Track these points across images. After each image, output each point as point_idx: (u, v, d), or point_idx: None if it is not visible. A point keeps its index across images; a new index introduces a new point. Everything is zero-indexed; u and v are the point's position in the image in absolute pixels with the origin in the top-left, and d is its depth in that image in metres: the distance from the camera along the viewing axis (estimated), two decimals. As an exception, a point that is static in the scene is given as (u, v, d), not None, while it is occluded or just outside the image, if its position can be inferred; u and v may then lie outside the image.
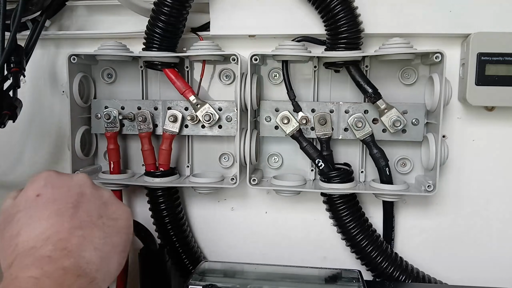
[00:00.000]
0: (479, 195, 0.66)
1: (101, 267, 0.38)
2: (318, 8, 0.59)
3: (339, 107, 0.63)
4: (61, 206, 0.39)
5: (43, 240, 0.36)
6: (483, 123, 0.65)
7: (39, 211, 0.39)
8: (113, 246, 0.40)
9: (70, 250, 0.36)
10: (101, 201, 0.43)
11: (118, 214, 0.43)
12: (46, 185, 0.41)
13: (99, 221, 0.40)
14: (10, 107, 0.59)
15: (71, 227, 0.38)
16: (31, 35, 0.65)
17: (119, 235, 0.41)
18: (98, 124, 0.67)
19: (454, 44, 0.63)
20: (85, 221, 0.39)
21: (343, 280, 0.60)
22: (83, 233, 0.38)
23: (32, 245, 0.36)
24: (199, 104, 0.63)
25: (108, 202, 0.43)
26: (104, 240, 0.39)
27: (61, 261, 0.35)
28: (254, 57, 0.60)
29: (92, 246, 0.38)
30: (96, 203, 0.42)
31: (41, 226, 0.37)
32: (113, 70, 0.69)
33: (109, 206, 0.43)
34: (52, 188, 0.41)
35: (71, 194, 0.41)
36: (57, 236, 0.37)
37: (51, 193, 0.41)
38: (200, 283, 0.55)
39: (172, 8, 0.58)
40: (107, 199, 0.43)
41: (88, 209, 0.40)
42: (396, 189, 0.61)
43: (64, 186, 0.42)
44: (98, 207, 0.42)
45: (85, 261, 0.36)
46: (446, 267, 0.68)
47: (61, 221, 0.38)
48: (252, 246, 0.72)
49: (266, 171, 0.69)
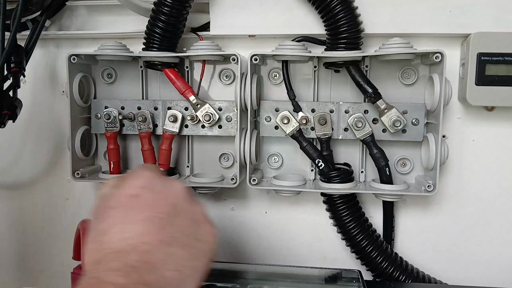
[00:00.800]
0: (479, 195, 0.66)
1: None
2: (318, 8, 0.59)
3: (339, 107, 0.63)
4: (155, 215, 0.37)
5: (129, 246, 0.34)
6: (483, 123, 0.65)
7: (132, 214, 0.37)
8: (193, 270, 0.37)
9: (154, 266, 0.34)
10: (194, 218, 0.40)
11: (205, 236, 0.40)
12: (145, 187, 0.39)
13: (186, 239, 0.37)
14: (10, 107, 0.59)
15: (159, 241, 0.36)
16: (31, 35, 0.65)
17: (202, 259, 0.38)
18: (98, 124, 0.67)
19: (454, 44, 0.63)
20: (175, 237, 0.37)
21: (343, 280, 0.60)
22: (170, 251, 0.36)
23: (119, 248, 0.34)
24: (199, 104, 0.63)
25: (199, 221, 0.40)
26: (187, 263, 0.37)
27: (145, 275, 0.33)
28: (254, 57, 0.60)
29: (175, 266, 0.35)
30: (187, 218, 0.39)
31: (130, 231, 0.36)
32: (113, 70, 0.69)
33: (200, 225, 0.40)
34: (150, 192, 0.39)
35: (167, 203, 0.39)
36: (144, 247, 0.35)
37: (148, 197, 0.38)
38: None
39: (172, 8, 0.58)
40: (199, 217, 0.40)
41: (180, 225, 0.38)
42: (396, 189, 0.61)
43: (162, 193, 0.39)
44: (190, 224, 0.39)
45: (166, 281, 0.34)
46: (446, 267, 0.68)
47: (151, 231, 0.36)
48: (252, 246, 0.72)
49: (266, 171, 0.69)
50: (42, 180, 0.75)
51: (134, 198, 0.38)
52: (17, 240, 0.77)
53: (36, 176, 0.75)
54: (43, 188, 0.75)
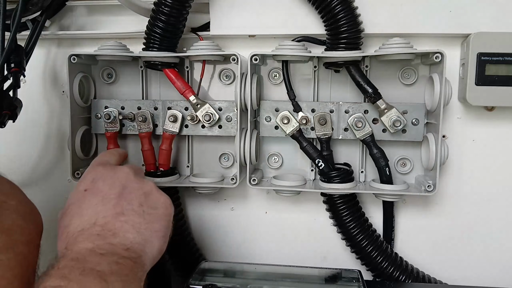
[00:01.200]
0: (479, 195, 0.66)
1: (144, 248, 0.42)
2: (318, 8, 0.59)
3: (339, 107, 0.63)
4: (106, 197, 0.44)
5: (90, 224, 0.41)
6: (483, 123, 0.65)
7: (87, 202, 0.44)
8: (154, 231, 0.43)
9: (115, 232, 0.41)
10: (142, 192, 0.46)
11: (158, 203, 0.46)
12: (93, 180, 0.46)
13: (140, 209, 0.44)
14: (10, 107, 0.58)
15: (114, 213, 0.42)
16: (31, 35, 0.65)
17: (159, 222, 0.45)
18: (98, 124, 0.67)
19: (454, 44, 0.63)
20: (127, 209, 0.43)
21: (343, 280, 0.60)
22: (126, 219, 0.42)
23: (81, 228, 0.41)
24: (199, 104, 0.63)
25: (148, 193, 0.46)
26: (145, 226, 0.43)
27: (109, 238, 0.40)
28: (254, 57, 0.60)
29: (134, 230, 0.42)
30: (137, 193, 0.46)
31: (88, 214, 0.42)
32: (113, 70, 0.69)
33: (150, 196, 0.46)
34: (98, 182, 0.46)
35: (114, 186, 0.45)
36: (103, 220, 0.41)
37: (97, 187, 0.45)
38: (200, 283, 0.55)
39: (172, 8, 0.58)
40: (148, 190, 0.47)
41: (129, 199, 0.44)
42: (396, 189, 0.61)
43: (108, 179, 0.46)
44: (139, 197, 0.45)
45: (130, 241, 0.41)
46: (446, 267, 0.68)
47: (105, 209, 0.43)
48: (252, 246, 0.72)
49: (266, 171, 0.69)
50: (42, 180, 0.75)
51: (85, 192, 0.45)
52: (17, 240, 0.77)
53: (36, 176, 0.75)
54: (43, 188, 0.75)
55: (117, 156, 0.54)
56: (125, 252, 0.40)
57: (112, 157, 0.53)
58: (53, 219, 0.78)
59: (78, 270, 0.36)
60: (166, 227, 0.46)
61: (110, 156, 0.53)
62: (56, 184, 0.75)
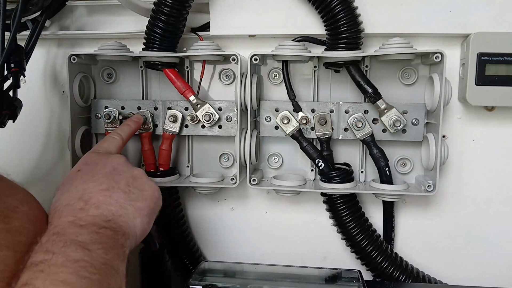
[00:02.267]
0: (479, 195, 0.66)
1: (127, 222, 0.43)
2: (318, 8, 0.59)
3: (339, 107, 0.63)
4: (95, 176, 0.46)
5: (76, 199, 0.43)
6: (483, 123, 0.65)
7: (77, 180, 0.46)
8: (137, 208, 0.45)
9: (98, 205, 0.42)
10: (131, 175, 0.49)
11: (145, 186, 0.48)
12: (86, 163, 0.49)
13: (126, 188, 0.46)
14: (10, 107, 0.58)
15: (99, 189, 0.44)
16: (31, 35, 0.65)
17: (144, 201, 0.47)
18: (98, 124, 0.67)
19: (454, 44, 0.63)
20: (113, 186, 0.45)
21: (343, 280, 0.60)
22: (110, 194, 0.44)
23: (67, 203, 0.43)
24: (199, 104, 0.63)
25: (137, 177, 0.49)
26: (129, 202, 0.45)
27: (91, 210, 0.42)
28: (254, 57, 0.60)
29: (118, 204, 0.44)
30: (125, 175, 0.48)
31: (76, 190, 0.45)
32: (113, 70, 0.69)
33: (138, 180, 0.49)
34: (90, 165, 0.49)
35: (105, 168, 0.48)
36: (88, 196, 0.43)
37: (89, 168, 0.48)
38: (200, 283, 0.55)
39: (172, 8, 0.58)
40: (136, 174, 0.49)
41: (117, 179, 0.47)
42: (396, 189, 0.61)
43: (100, 163, 0.49)
44: (127, 178, 0.48)
45: (112, 213, 0.42)
46: (446, 267, 0.68)
47: (92, 186, 0.45)
48: (252, 246, 0.72)
49: (266, 171, 0.69)
50: (42, 180, 0.75)
51: (78, 172, 0.48)
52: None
53: (36, 176, 0.75)
54: (43, 188, 0.74)
55: (116, 142, 0.56)
56: (106, 223, 0.41)
57: (111, 145, 0.55)
58: (53, 219, 0.78)
59: (60, 242, 0.37)
60: (151, 208, 0.47)
61: (109, 144, 0.55)
62: (56, 184, 0.73)
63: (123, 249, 0.40)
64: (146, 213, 0.46)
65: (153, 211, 0.47)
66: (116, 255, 0.39)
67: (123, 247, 0.41)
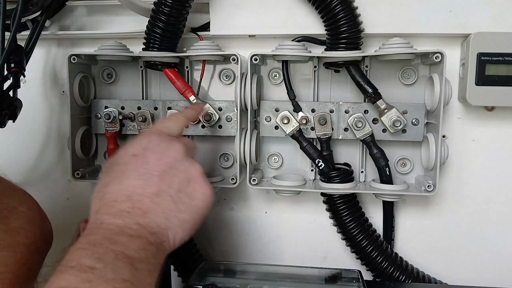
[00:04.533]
0: (479, 195, 0.66)
1: (168, 235, 0.41)
2: (318, 8, 0.59)
3: (339, 107, 0.63)
4: (149, 172, 0.43)
5: (124, 197, 0.41)
6: (483, 123, 0.65)
7: (130, 170, 0.43)
8: (181, 221, 0.42)
9: (145, 211, 0.40)
10: (186, 176, 0.45)
11: (196, 193, 0.44)
12: (147, 148, 0.45)
13: (176, 195, 0.43)
14: (10, 107, 0.59)
15: (150, 193, 0.42)
16: (31, 35, 0.65)
17: (191, 213, 0.43)
18: (98, 124, 0.67)
19: (454, 44, 0.63)
20: (165, 191, 0.42)
21: (343, 280, 0.60)
22: (159, 201, 0.42)
23: (115, 198, 0.41)
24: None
25: (192, 179, 0.45)
26: (175, 214, 0.42)
27: (138, 217, 0.40)
28: (254, 57, 0.60)
29: (164, 215, 0.41)
30: (180, 177, 0.44)
31: (126, 183, 0.42)
32: (113, 70, 0.69)
33: (192, 183, 0.45)
34: (149, 152, 0.45)
35: (162, 162, 0.44)
36: (137, 197, 0.41)
37: (147, 157, 0.44)
38: (200, 283, 0.55)
39: (172, 8, 0.58)
40: (192, 175, 0.45)
41: (170, 182, 0.43)
42: (396, 189, 0.61)
43: (158, 153, 0.45)
44: (180, 181, 0.44)
45: (156, 225, 0.40)
46: (446, 267, 0.68)
47: (144, 185, 0.42)
48: (252, 246, 0.72)
49: (266, 171, 0.69)
50: (42, 180, 0.75)
51: (134, 157, 0.44)
52: (17, 240, 0.77)
53: (36, 176, 0.75)
54: (43, 188, 0.75)
55: (181, 123, 0.52)
56: (151, 236, 0.39)
57: (174, 126, 0.51)
58: (53, 218, 0.78)
59: (112, 253, 0.35)
60: (196, 220, 0.44)
61: (174, 124, 0.51)
62: (56, 184, 0.75)
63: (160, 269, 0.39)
64: (189, 226, 0.43)
65: (197, 222, 0.44)
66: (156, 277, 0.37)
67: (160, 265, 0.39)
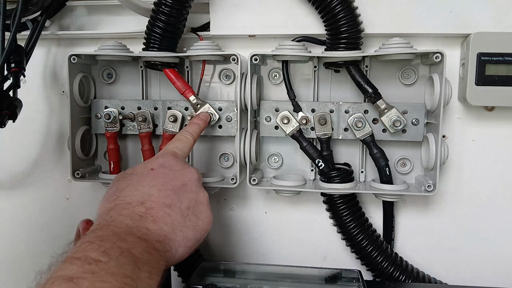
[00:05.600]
0: (479, 195, 0.66)
1: (171, 247, 0.43)
2: (318, 8, 0.59)
3: (339, 107, 0.63)
4: (164, 185, 0.46)
5: (138, 202, 0.43)
6: (483, 123, 0.65)
7: (147, 180, 0.46)
8: (185, 237, 0.45)
9: (155, 219, 0.43)
10: (195, 198, 0.48)
11: (201, 215, 0.48)
12: (163, 165, 0.49)
13: (185, 211, 0.46)
14: (10, 107, 0.59)
15: (163, 203, 0.44)
16: (31, 35, 0.65)
17: (194, 232, 0.46)
18: (98, 124, 0.67)
19: (454, 44, 0.63)
20: (175, 205, 0.45)
21: (343, 280, 0.60)
22: (170, 212, 0.44)
23: (129, 201, 0.43)
24: (199, 104, 0.63)
25: (199, 202, 0.48)
26: (181, 228, 0.44)
27: (148, 223, 0.42)
28: (254, 57, 0.60)
29: (172, 226, 0.44)
30: (190, 196, 0.47)
31: (142, 191, 0.45)
32: (113, 70, 0.69)
33: (199, 205, 0.48)
34: (165, 169, 0.48)
35: (177, 180, 0.47)
36: (150, 204, 0.43)
37: (162, 172, 0.48)
38: (200, 283, 0.55)
39: (172, 8, 0.58)
40: (201, 199, 0.49)
41: (182, 198, 0.46)
42: (396, 189, 0.61)
43: (175, 172, 0.48)
44: (190, 200, 0.47)
45: (164, 233, 0.42)
46: (446, 267, 0.68)
47: (158, 195, 0.45)
48: (252, 246, 0.72)
49: (266, 171, 0.69)
50: (42, 180, 0.75)
51: (152, 170, 0.48)
52: (16, 240, 0.77)
53: (36, 176, 0.75)
54: (43, 188, 0.75)
55: (190, 144, 0.55)
56: (157, 243, 0.41)
57: (186, 147, 0.54)
58: (53, 218, 0.78)
59: (119, 249, 0.36)
60: (197, 240, 0.46)
61: (184, 145, 0.54)
62: (56, 184, 0.75)
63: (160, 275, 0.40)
64: (191, 244, 0.45)
65: (196, 243, 0.46)
66: (156, 282, 0.38)
67: (161, 273, 0.40)
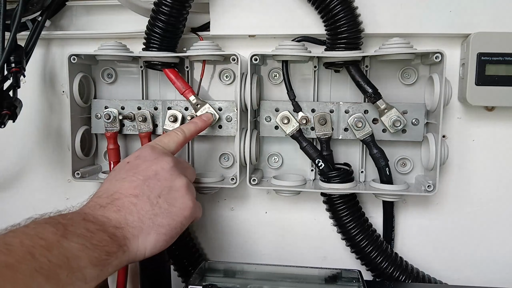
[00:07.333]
0: (479, 195, 0.66)
1: (138, 236, 0.44)
2: (318, 8, 0.59)
3: (339, 107, 0.63)
4: (135, 176, 0.47)
5: (108, 195, 0.46)
6: (483, 123, 0.65)
7: (121, 173, 0.48)
8: (155, 225, 0.45)
9: (120, 208, 0.44)
10: (169, 185, 0.48)
11: (176, 202, 0.48)
12: (138, 157, 0.50)
13: (155, 199, 0.46)
14: (10, 107, 0.59)
15: (130, 194, 0.46)
16: (31, 35, 0.65)
17: (167, 218, 0.46)
18: (98, 124, 0.67)
19: (454, 44, 0.63)
20: (144, 194, 0.46)
21: (343, 280, 0.60)
22: (136, 202, 0.45)
23: (100, 195, 0.46)
24: (199, 104, 0.63)
25: (174, 189, 0.48)
26: (149, 216, 0.45)
27: (109, 212, 0.44)
28: (254, 57, 0.60)
29: (138, 215, 0.44)
30: (163, 184, 0.48)
31: (115, 184, 0.47)
32: (113, 70, 0.69)
33: (173, 192, 0.48)
34: (139, 160, 0.50)
35: (148, 170, 0.48)
36: (118, 196, 0.45)
37: (136, 164, 0.49)
38: (200, 283, 0.55)
39: (172, 8, 0.58)
40: (176, 187, 0.49)
41: (152, 187, 0.47)
42: (396, 189, 0.61)
43: (148, 162, 0.49)
44: (162, 188, 0.47)
45: (127, 222, 0.43)
46: (446, 267, 0.68)
47: (127, 186, 0.46)
48: (252, 246, 0.72)
49: (266, 171, 0.69)
50: (42, 180, 0.75)
51: (127, 164, 0.50)
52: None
53: (36, 176, 0.75)
54: (43, 188, 0.75)
55: (177, 139, 0.55)
56: (113, 229, 0.42)
57: (171, 141, 0.54)
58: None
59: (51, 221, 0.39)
60: (172, 226, 0.46)
61: (170, 140, 0.54)
62: (56, 184, 0.75)
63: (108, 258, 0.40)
64: (164, 231, 0.45)
65: (174, 230, 0.46)
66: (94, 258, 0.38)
67: (110, 256, 0.40)
